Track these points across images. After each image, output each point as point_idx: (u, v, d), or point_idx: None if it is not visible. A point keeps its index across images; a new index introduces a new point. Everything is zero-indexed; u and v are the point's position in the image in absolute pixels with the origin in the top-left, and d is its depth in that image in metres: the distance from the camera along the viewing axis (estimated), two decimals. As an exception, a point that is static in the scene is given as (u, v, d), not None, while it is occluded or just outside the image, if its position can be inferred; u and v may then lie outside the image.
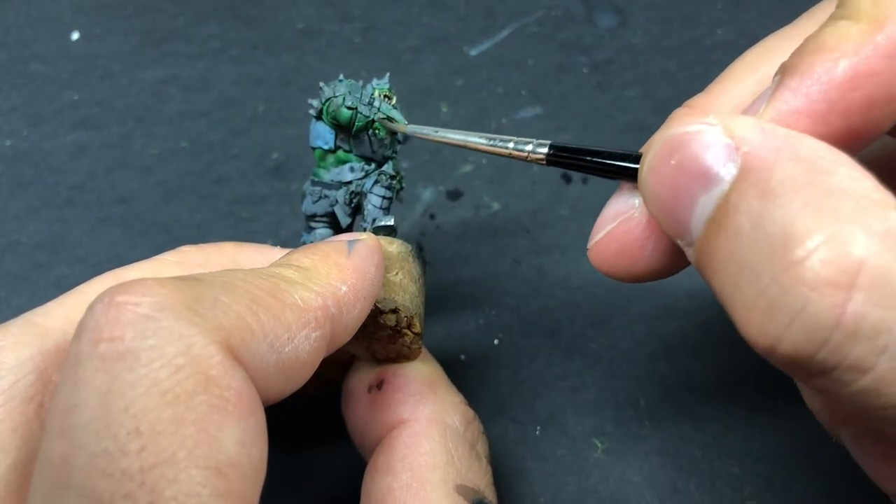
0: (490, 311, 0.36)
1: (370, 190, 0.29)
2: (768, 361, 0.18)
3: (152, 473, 0.16)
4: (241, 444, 0.17)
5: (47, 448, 0.17)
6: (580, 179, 0.40)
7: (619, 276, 0.24)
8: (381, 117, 0.28)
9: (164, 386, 0.17)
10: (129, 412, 0.16)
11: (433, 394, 0.27)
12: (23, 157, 0.42)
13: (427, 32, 0.46)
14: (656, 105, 0.43)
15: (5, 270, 0.38)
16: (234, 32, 0.47)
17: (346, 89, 0.28)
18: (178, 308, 0.18)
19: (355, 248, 0.24)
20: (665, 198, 0.20)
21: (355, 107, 0.27)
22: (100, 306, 0.18)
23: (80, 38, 0.47)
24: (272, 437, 0.30)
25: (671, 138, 0.20)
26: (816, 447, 0.32)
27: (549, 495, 0.31)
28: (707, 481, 0.31)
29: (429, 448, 0.25)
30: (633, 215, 0.23)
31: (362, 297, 0.23)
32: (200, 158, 0.42)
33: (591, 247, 0.24)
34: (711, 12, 0.46)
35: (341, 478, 0.32)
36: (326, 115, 0.28)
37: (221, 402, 0.17)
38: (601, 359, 0.34)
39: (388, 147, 0.29)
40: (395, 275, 0.26)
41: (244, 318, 0.19)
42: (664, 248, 0.23)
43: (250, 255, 0.27)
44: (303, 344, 0.20)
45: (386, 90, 0.28)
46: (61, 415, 0.17)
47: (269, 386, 0.19)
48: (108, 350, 0.17)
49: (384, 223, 0.28)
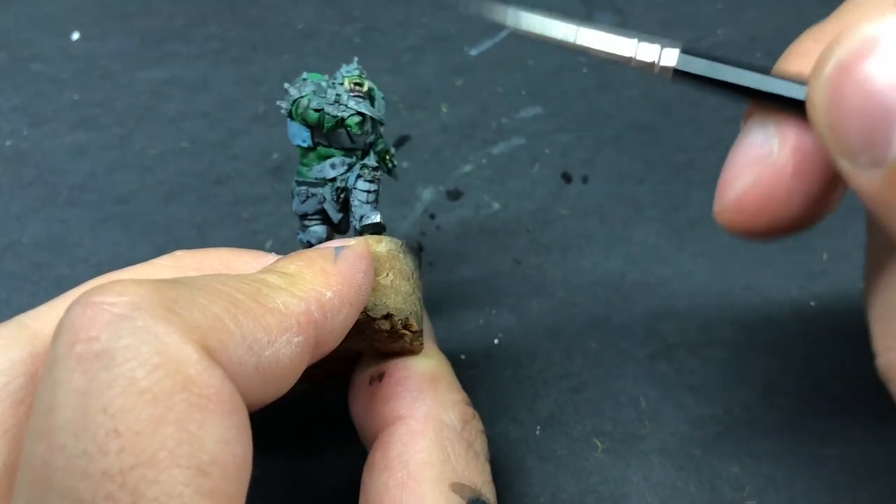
0: (490, 311, 0.36)
1: (354, 185, 0.28)
2: (768, 361, 0.18)
3: (133, 474, 0.16)
4: (224, 443, 0.17)
5: (29, 450, 0.17)
6: (580, 179, 0.40)
7: (762, 234, 0.21)
8: (350, 114, 0.26)
9: (142, 385, 0.16)
10: (106, 412, 0.16)
11: (433, 390, 0.26)
12: (23, 158, 0.42)
13: (427, 32, 0.46)
14: (656, 105, 0.43)
15: (6, 270, 0.38)
16: (234, 32, 0.47)
17: (312, 88, 0.27)
18: (155, 307, 0.17)
19: (342, 254, 0.24)
20: (860, 110, 0.17)
21: (321, 108, 0.26)
22: (77, 308, 0.17)
23: (81, 38, 0.47)
24: (276, 436, 0.30)
25: (866, 38, 0.17)
26: (817, 447, 0.32)
27: (549, 495, 0.31)
28: (707, 481, 0.31)
29: (425, 446, 0.24)
30: (775, 161, 0.20)
31: (348, 303, 0.23)
32: (201, 159, 0.42)
33: (728, 204, 0.21)
34: (711, 12, 0.46)
35: (345, 474, 0.32)
36: (296, 116, 0.27)
37: (201, 400, 0.17)
38: (601, 359, 0.34)
39: (370, 133, 0.28)
40: (385, 277, 0.26)
41: (222, 320, 0.18)
42: (815, 191, 0.20)
43: (245, 260, 0.27)
44: (284, 349, 0.20)
45: (355, 77, 0.27)
46: (41, 417, 0.17)
47: (249, 390, 0.19)
48: (85, 350, 0.17)
49: (370, 221, 0.28)
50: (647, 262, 0.37)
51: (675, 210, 0.39)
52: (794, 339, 0.34)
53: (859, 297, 0.35)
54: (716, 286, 0.36)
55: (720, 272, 0.37)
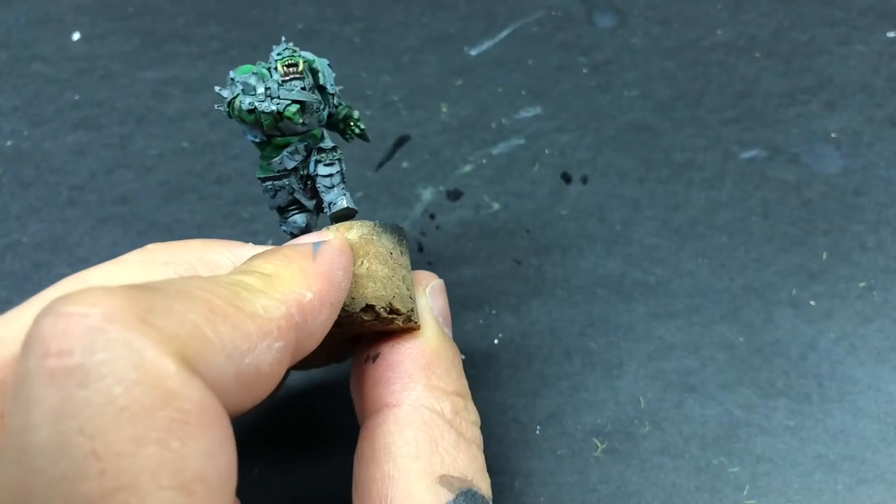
0: (490, 311, 0.36)
1: (315, 172, 0.27)
2: (768, 361, 0.18)
3: (115, 499, 0.15)
4: (208, 456, 0.17)
5: (3, 472, 0.16)
6: (580, 179, 0.40)
7: None
8: (286, 105, 0.25)
9: (120, 403, 0.16)
10: (84, 433, 0.15)
11: (425, 377, 0.25)
12: (24, 158, 0.42)
13: (427, 32, 0.46)
14: (656, 105, 0.43)
15: (6, 270, 0.38)
16: (234, 33, 0.47)
17: (240, 88, 0.25)
18: (129, 318, 0.16)
19: (320, 250, 0.23)
20: None
21: (254, 107, 0.25)
22: (47, 319, 0.16)
23: (81, 38, 0.47)
24: (276, 436, 0.30)
25: None
26: (817, 447, 0.32)
27: (549, 495, 0.31)
28: (707, 481, 0.31)
29: (412, 437, 0.24)
30: None
31: (329, 302, 0.22)
32: (201, 158, 0.42)
33: None
34: (711, 12, 0.46)
35: (345, 474, 0.32)
36: (234, 118, 0.25)
37: (183, 415, 0.16)
38: (601, 359, 0.34)
39: (320, 110, 0.26)
40: (360, 265, 0.25)
41: (200, 328, 0.18)
42: None
43: (219, 252, 0.25)
44: (264, 355, 0.19)
45: (287, 58, 0.25)
46: (14, 436, 0.16)
47: (229, 398, 0.18)
48: (58, 366, 0.16)
49: (339, 207, 0.26)
50: (647, 262, 0.37)
51: (674, 210, 0.39)
52: (794, 339, 0.34)
53: (859, 297, 0.35)
54: (716, 286, 0.36)
55: (720, 272, 0.37)
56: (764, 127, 0.41)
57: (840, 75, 0.43)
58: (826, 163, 0.40)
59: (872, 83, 0.43)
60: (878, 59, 0.44)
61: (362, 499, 0.23)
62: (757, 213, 0.38)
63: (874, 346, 0.34)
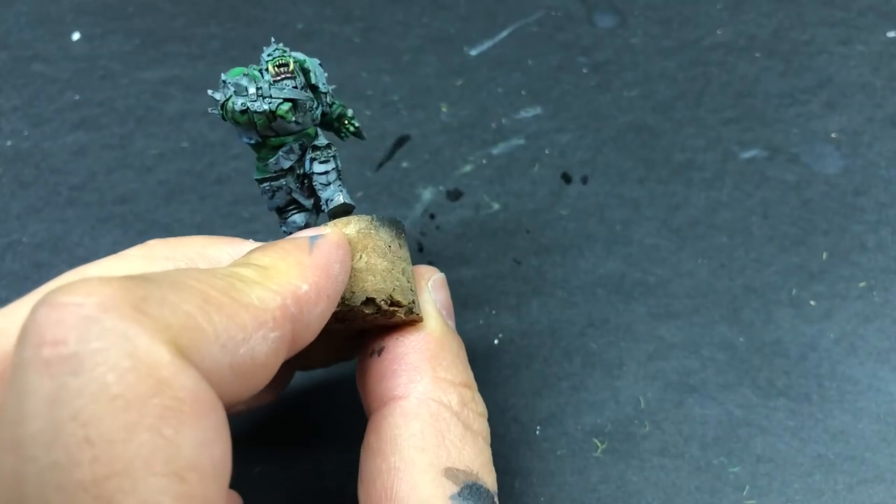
0: (490, 311, 0.36)
1: (311, 170, 0.27)
2: (768, 361, 0.18)
3: (108, 485, 0.15)
4: (201, 446, 0.17)
5: None
6: (580, 179, 0.40)
7: None
8: (278, 104, 0.25)
9: (113, 391, 0.16)
10: (78, 420, 0.15)
11: (431, 369, 0.25)
12: (24, 158, 0.42)
13: (427, 32, 0.46)
14: (656, 105, 0.43)
15: (6, 270, 0.38)
16: (234, 33, 0.47)
17: (233, 89, 0.25)
18: (123, 308, 0.17)
19: (317, 243, 0.23)
20: None
21: (247, 108, 0.25)
22: (42, 309, 0.17)
23: (81, 38, 0.47)
24: (276, 435, 0.30)
25: None
26: (817, 447, 0.32)
27: (549, 495, 0.31)
28: (707, 481, 0.31)
29: (418, 429, 0.24)
30: None
31: (325, 295, 0.22)
32: (201, 158, 0.42)
33: None
34: (711, 12, 0.46)
35: (345, 474, 0.32)
36: (229, 120, 0.26)
37: (176, 403, 0.16)
38: (601, 359, 0.34)
39: (313, 109, 0.26)
40: (358, 260, 0.25)
41: (194, 318, 0.18)
42: None
43: (220, 247, 0.26)
44: (259, 345, 0.19)
45: (277, 59, 0.26)
46: (9, 425, 0.16)
47: (224, 388, 0.18)
48: (52, 355, 0.16)
49: (336, 203, 0.27)
50: (647, 262, 0.37)
51: (674, 210, 0.39)
52: (794, 339, 0.34)
53: (859, 297, 0.35)
54: (716, 286, 0.36)
55: (720, 272, 0.37)
56: (764, 127, 0.41)
57: (840, 75, 0.43)
58: (826, 163, 0.40)
59: (872, 83, 0.43)
60: (878, 59, 0.44)
61: (368, 491, 0.23)
62: (757, 213, 0.38)
63: (874, 346, 0.34)
